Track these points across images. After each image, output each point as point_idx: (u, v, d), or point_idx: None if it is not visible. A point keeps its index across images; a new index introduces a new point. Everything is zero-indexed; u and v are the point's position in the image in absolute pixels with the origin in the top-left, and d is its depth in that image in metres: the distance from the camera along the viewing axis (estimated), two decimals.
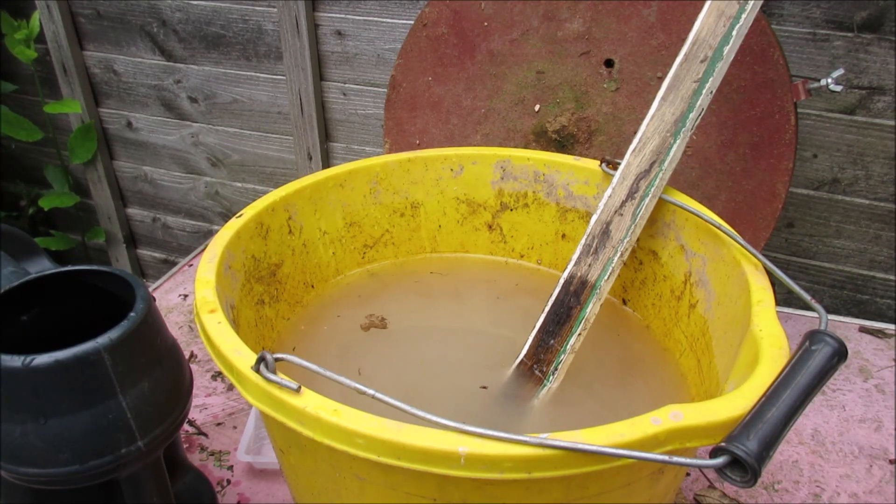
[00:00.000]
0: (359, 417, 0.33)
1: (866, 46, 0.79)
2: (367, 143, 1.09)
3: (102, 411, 0.40)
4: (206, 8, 1.07)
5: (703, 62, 0.49)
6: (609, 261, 0.50)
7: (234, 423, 0.66)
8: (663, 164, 0.50)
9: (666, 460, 0.31)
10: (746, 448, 0.30)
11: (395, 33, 0.99)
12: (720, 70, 0.49)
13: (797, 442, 0.64)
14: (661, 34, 0.70)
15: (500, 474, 0.31)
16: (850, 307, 0.94)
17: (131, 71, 1.18)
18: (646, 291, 0.56)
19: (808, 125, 0.84)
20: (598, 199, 0.57)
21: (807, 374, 0.34)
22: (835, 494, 0.59)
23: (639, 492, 0.37)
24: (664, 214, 0.53)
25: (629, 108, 0.73)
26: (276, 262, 0.55)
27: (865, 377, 0.72)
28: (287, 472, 0.46)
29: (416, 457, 0.32)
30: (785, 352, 0.37)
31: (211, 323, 0.40)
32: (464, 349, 0.54)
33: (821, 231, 0.90)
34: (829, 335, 0.35)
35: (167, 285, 0.88)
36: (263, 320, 0.52)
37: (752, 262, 0.45)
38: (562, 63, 0.74)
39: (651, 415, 0.33)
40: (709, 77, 0.49)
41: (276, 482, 0.60)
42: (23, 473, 0.41)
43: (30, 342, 0.40)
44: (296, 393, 0.34)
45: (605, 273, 0.50)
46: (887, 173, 0.84)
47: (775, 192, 0.71)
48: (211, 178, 1.24)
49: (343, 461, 0.36)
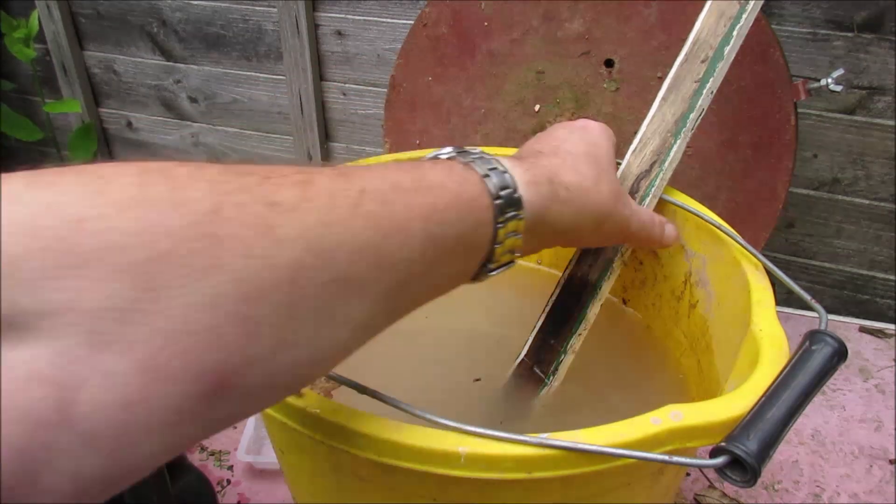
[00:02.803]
0: (359, 417, 0.33)
1: (866, 46, 0.79)
2: (367, 143, 1.09)
3: None
4: (206, 8, 1.07)
5: (703, 62, 0.49)
6: (609, 261, 0.50)
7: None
8: (664, 164, 0.50)
9: (666, 460, 0.31)
10: (746, 448, 0.30)
11: (395, 33, 0.99)
12: (721, 70, 0.49)
13: (797, 442, 0.64)
14: (661, 34, 0.70)
15: (500, 474, 0.31)
16: (850, 307, 0.94)
17: (131, 71, 1.18)
18: (646, 291, 0.56)
19: (808, 125, 0.84)
20: None
21: (807, 374, 0.34)
22: (835, 494, 0.59)
23: (639, 492, 0.37)
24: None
25: (629, 108, 0.73)
26: None
27: (865, 377, 0.72)
28: (287, 472, 0.46)
29: (416, 457, 0.32)
30: (785, 352, 0.37)
31: None
32: (463, 349, 0.54)
33: (821, 231, 0.90)
34: (829, 335, 0.35)
35: None
36: None
37: (752, 262, 0.45)
38: (562, 63, 0.74)
39: (651, 415, 0.33)
40: (709, 77, 0.49)
41: (276, 482, 0.60)
42: None
43: None
44: (296, 393, 0.34)
45: (605, 273, 0.50)
46: (887, 173, 0.84)
47: (775, 192, 0.71)
48: None
49: (343, 461, 0.36)
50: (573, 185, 0.38)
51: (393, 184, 0.29)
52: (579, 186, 0.38)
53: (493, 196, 0.33)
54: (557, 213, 0.37)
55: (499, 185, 0.33)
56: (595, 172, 0.40)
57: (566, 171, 0.38)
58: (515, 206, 0.34)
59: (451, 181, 0.32)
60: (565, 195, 0.37)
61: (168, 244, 0.21)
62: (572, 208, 0.38)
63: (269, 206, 0.24)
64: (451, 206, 0.31)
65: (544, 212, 0.36)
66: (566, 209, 0.37)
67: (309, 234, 0.25)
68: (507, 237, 0.34)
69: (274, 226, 0.24)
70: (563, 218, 0.37)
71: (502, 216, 0.33)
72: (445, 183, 0.31)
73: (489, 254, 0.34)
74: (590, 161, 0.40)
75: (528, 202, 0.35)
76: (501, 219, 0.33)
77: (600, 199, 0.39)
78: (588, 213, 0.39)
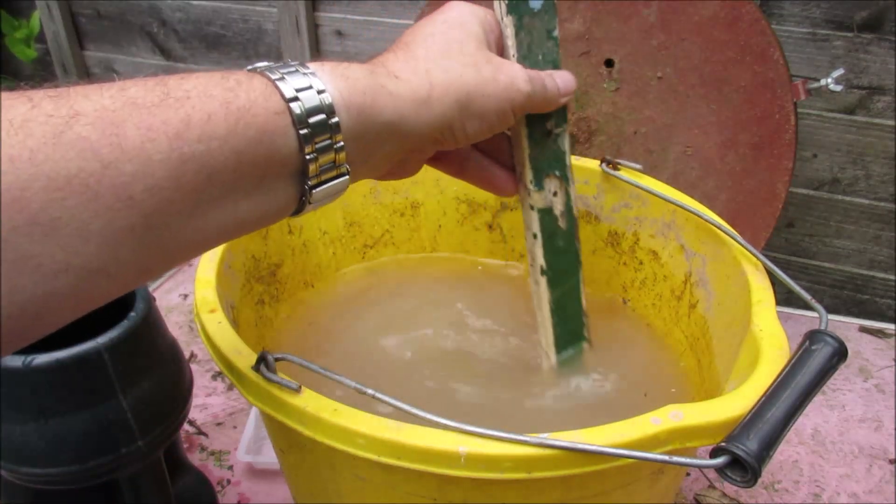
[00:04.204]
0: (359, 417, 0.33)
1: (866, 46, 0.79)
2: None
3: (102, 411, 0.40)
4: (206, 8, 1.07)
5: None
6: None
7: (234, 423, 0.66)
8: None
9: (666, 460, 0.31)
10: (746, 448, 0.30)
11: (395, 33, 0.99)
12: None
13: (797, 442, 0.64)
14: (661, 34, 0.70)
15: (500, 474, 0.31)
16: (850, 307, 0.94)
17: (131, 71, 1.18)
18: (646, 291, 0.56)
19: (808, 125, 0.84)
20: (598, 199, 0.57)
21: (807, 374, 0.34)
22: (835, 494, 0.59)
23: (639, 492, 0.37)
24: (664, 214, 0.53)
25: (629, 108, 0.73)
26: (277, 262, 0.55)
27: (865, 377, 0.72)
28: (287, 472, 0.46)
29: (416, 456, 0.32)
30: (785, 352, 0.37)
31: (211, 323, 0.40)
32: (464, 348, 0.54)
33: (821, 231, 0.90)
34: (829, 335, 0.35)
35: (167, 285, 0.88)
36: (263, 320, 0.52)
37: (752, 262, 0.45)
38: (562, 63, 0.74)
39: (651, 415, 0.33)
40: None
41: (276, 482, 0.60)
42: (23, 473, 0.41)
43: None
44: (296, 393, 0.34)
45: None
46: (887, 173, 0.84)
47: (775, 192, 0.71)
48: None
49: (343, 461, 0.36)
50: (404, 70, 0.33)
51: (128, 101, 0.25)
52: (413, 72, 0.33)
53: (287, 98, 0.28)
54: (391, 107, 0.32)
55: (296, 87, 0.29)
56: (438, 52, 0.34)
57: (397, 62, 0.33)
58: (324, 110, 0.29)
59: (219, 87, 0.27)
60: (396, 85, 0.32)
61: None
62: (407, 98, 0.32)
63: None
64: (217, 117, 0.26)
65: (371, 106, 0.31)
66: (400, 103, 0.32)
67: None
68: (321, 147, 0.29)
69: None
70: (402, 111, 0.32)
71: (307, 122, 0.29)
72: (209, 90, 0.27)
73: (302, 169, 0.29)
74: (438, 39, 0.35)
75: (345, 97, 0.30)
76: (306, 125, 0.29)
77: (448, 77, 0.34)
78: (435, 99, 0.33)
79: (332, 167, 0.30)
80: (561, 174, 0.45)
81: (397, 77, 0.33)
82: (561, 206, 0.45)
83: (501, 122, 0.37)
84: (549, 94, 0.40)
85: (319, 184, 0.30)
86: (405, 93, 0.32)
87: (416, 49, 0.35)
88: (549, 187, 0.45)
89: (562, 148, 0.44)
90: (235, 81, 0.27)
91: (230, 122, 0.26)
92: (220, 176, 0.26)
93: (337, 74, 0.31)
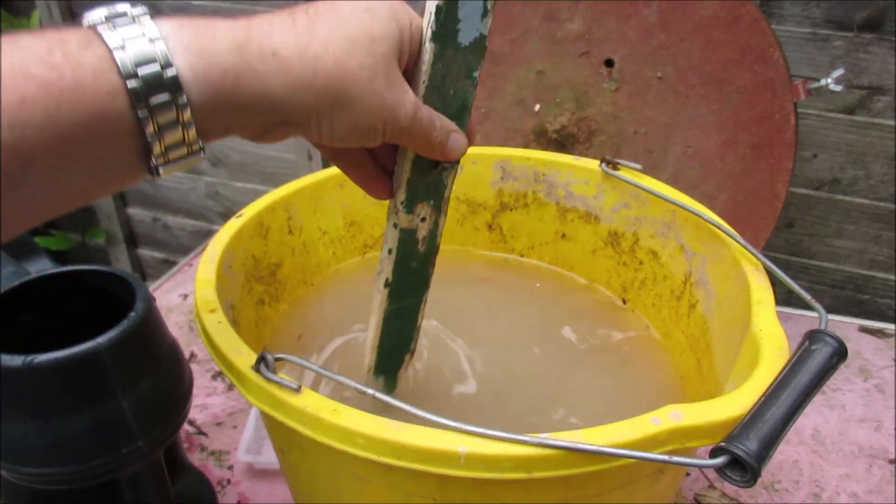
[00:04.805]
0: (359, 417, 0.33)
1: (866, 46, 0.79)
2: None
3: (102, 411, 0.40)
4: (207, 8, 1.07)
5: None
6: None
7: (234, 423, 0.66)
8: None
9: (666, 460, 0.31)
10: (746, 448, 0.30)
11: None
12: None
13: (797, 442, 0.64)
14: (661, 34, 0.70)
15: (500, 474, 0.31)
16: (850, 307, 0.94)
17: None
18: (646, 291, 0.56)
19: (808, 125, 0.84)
20: (598, 199, 0.57)
21: (807, 374, 0.34)
22: (835, 494, 0.59)
23: (639, 492, 0.37)
24: (664, 214, 0.53)
25: (629, 108, 0.73)
26: (276, 262, 0.55)
27: (865, 377, 0.72)
28: (287, 472, 0.46)
29: (416, 456, 0.32)
30: (785, 352, 0.37)
31: (211, 323, 0.40)
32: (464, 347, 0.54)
33: (821, 231, 0.90)
34: (829, 335, 0.35)
35: (167, 285, 0.88)
36: (263, 320, 0.52)
37: (752, 262, 0.45)
38: (562, 63, 0.74)
39: (651, 415, 0.33)
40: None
41: (276, 482, 0.60)
42: (23, 473, 0.41)
43: (30, 342, 0.40)
44: (296, 393, 0.34)
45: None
46: (887, 173, 0.84)
47: (775, 192, 0.71)
48: (211, 178, 1.24)
49: (343, 461, 0.36)
50: (289, 48, 0.30)
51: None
52: (300, 53, 0.30)
53: (124, 75, 0.26)
54: (258, 87, 0.29)
55: (136, 61, 0.26)
56: (342, 40, 0.31)
57: (286, 34, 0.30)
58: (167, 87, 0.27)
59: (41, 65, 0.24)
60: (270, 65, 0.29)
61: None
62: (283, 80, 0.30)
63: None
64: (33, 101, 0.24)
65: (234, 85, 0.28)
66: (273, 81, 0.29)
67: None
68: (166, 126, 0.27)
69: None
70: (271, 92, 0.30)
71: (147, 103, 0.26)
72: (28, 67, 0.24)
73: (143, 150, 0.27)
74: (353, 27, 0.32)
75: (199, 74, 0.27)
76: (145, 106, 0.26)
77: (337, 70, 0.31)
78: (315, 88, 0.30)
79: (180, 145, 0.28)
80: (435, 204, 0.42)
81: (275, 55, 0.29)
82: (425, 231, 0.43)
83: (370, 138, 0.34)
84: (430, 142, 0.36)
85: (167, 162, 0.28)
86: (278, 74, 0.30)
87: (320, 25, 0.31)
88: (419, 212, 0.42)
89: (444, 182, 0.42)
90: (63, 56, 0.25)
91: (49, 107, 0.24)
92: (43, 160, 0.25)
93: (193, 48, 0.28)
